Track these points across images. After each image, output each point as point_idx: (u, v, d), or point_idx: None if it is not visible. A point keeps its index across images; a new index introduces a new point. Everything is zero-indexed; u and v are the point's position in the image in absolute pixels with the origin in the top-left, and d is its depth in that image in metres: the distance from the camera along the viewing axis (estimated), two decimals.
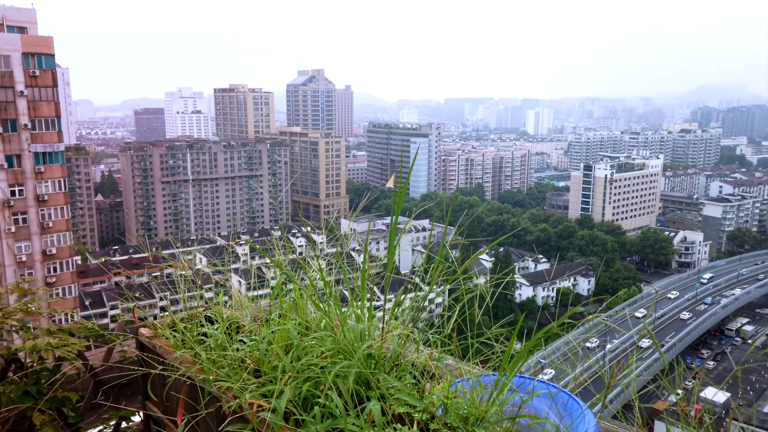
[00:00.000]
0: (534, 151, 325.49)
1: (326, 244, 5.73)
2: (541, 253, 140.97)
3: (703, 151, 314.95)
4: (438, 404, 2.86)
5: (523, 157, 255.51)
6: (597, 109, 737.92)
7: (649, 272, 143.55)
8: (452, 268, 4.30)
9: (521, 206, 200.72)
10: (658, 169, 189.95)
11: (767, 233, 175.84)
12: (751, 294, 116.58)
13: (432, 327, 3.84)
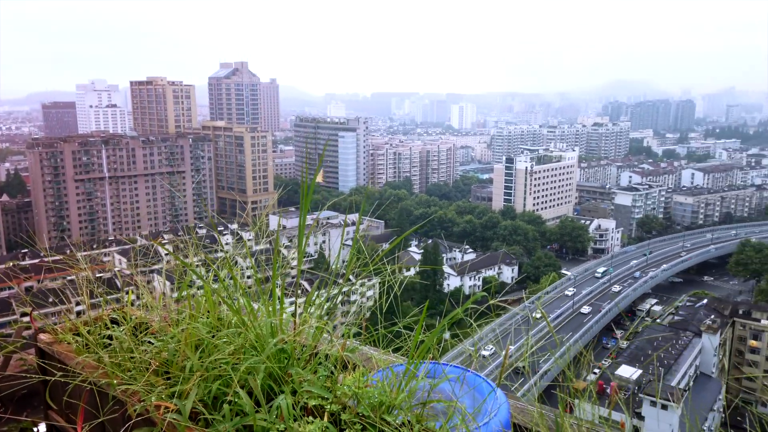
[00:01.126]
0: (459, 144, 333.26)
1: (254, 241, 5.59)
2: (467, 244, 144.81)
3: (614, 143, 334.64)
4: (350, 395, 2.88)
5: (448, 150, 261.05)
6: (517, 103, 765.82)
7: (568, 259, 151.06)
8: (381, 261, 4.33)
9: (448, 198, 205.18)
10: (574, 161, 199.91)
11: (672, 219, 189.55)
12: (658, 276, 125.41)
13: (363, 321, 3.92)
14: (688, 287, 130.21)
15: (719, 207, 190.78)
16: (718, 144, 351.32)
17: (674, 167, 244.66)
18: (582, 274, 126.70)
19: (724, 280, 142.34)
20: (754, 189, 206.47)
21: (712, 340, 76.25)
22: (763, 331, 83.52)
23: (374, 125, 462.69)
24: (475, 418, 2.91)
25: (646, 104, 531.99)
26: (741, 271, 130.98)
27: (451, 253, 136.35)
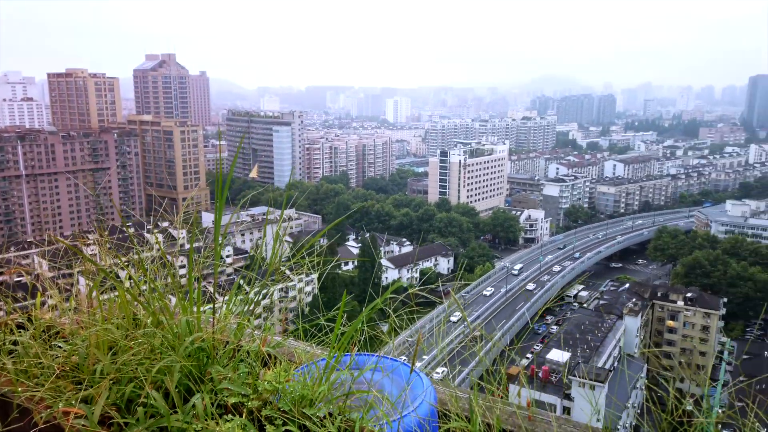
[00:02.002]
0: (394, 138, 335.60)
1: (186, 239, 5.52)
2: (404, 237, 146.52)
3: (542, 136, 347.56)
4: (271, 390, 2.89)
5: (384, 144, 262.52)
6: (450, 98, 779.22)
7: (501, 249, 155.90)
8: (320, 256, 4.40)
9: (385, 192, 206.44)
10: (505, 154, 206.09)
11: (596, 209, 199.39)
12: (585, 263, 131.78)
13: (300, 316, 3.99)
14: (612, 272, 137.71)
15: (639, 196, 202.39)
16: (637, 136, 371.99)
17: (597, 159, 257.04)
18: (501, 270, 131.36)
19: (643, 264, 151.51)
20: (669, 179, 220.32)
21: (634, 322, 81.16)
22: (679, 311, 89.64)
23: (309, 119, 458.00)
24: (401, 406, 2.98)
25: (571, 99, 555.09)
26: (659, 256, 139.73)
27: (389, 246, 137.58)
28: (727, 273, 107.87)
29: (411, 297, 4.13)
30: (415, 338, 3.64)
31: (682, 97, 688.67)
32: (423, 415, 2.96)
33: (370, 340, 3.82)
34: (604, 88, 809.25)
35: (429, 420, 2.97)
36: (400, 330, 4.33)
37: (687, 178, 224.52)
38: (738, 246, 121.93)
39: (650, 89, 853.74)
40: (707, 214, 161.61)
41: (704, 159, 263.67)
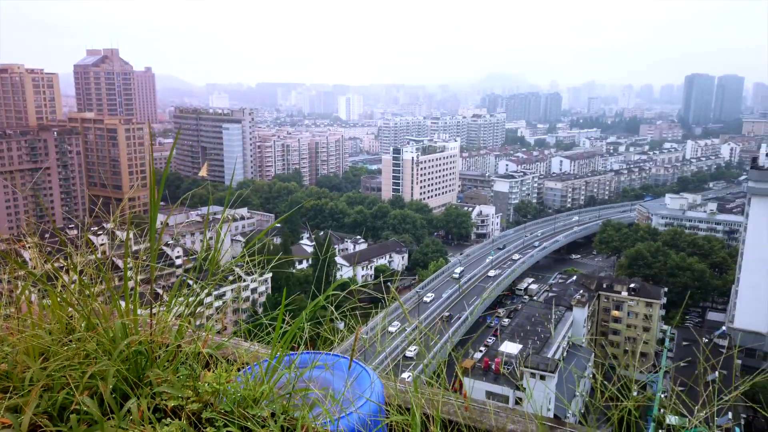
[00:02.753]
0: (347, 136, 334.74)
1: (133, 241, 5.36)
2: (358, 234, 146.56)
3: (492, 133, 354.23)
4: (211, 392, 2.86)
5: (337, 142, 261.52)
6: (402, 95, 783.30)
7: (453, 244, 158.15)
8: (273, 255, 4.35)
9: (338, 190, 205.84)
10: (457, 151, 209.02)
11: (544, 204, 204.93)
12: (534, 257, 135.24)
13: (253, 316, 3.90)
14: (560, 265, 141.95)
15: (584, 191, 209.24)
16: (581, 133, 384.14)
17: (545, 155, 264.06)
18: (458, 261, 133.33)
19: (590, 257, 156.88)
20: (612, 174, 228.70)
21: (581, 313, 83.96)
22: (624, 302, 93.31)
23: (260, 117, 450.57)
24: (350, 402, 2.99)
25: (519, 96, 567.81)
26: (604, 249, 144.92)
27: (344, 244, 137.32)
28: (667, 264, 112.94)
29: (355, 293, 4.12)
30: (370, 334, 3.67)
31: (623, 96, 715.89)
32: (370, 411, 2.96)
33: (325, 338, 3.82)
34: (551, 86, 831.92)
35: (373, 416, 2.98)
36: (354, 328, 4.32)
37: (629, 173, 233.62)
38: (677, 238, 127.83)
39: (594, 88, 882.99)
40: (648, 208, 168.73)
41: (645, 155, 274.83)
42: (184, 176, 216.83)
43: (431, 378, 3.82)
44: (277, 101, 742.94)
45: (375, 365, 3.98)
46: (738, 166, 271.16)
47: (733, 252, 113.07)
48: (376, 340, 4.33)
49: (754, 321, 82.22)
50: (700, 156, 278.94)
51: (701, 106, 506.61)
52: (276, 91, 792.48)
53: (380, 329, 4.13)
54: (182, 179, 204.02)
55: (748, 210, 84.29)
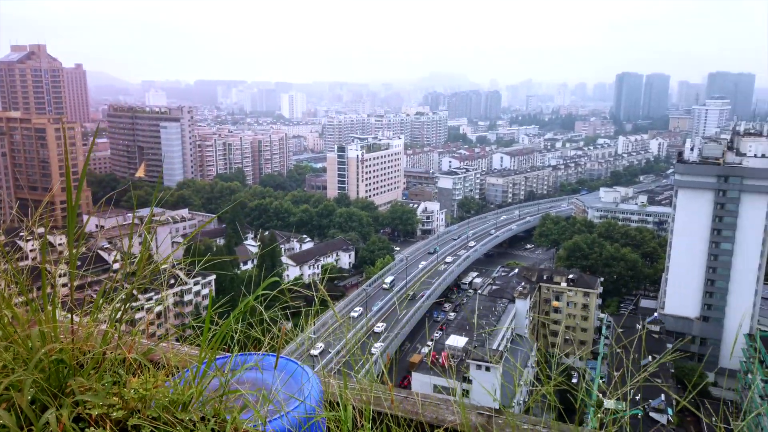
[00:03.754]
0: (291, 134, 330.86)
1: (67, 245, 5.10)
2: (304, 233, 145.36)
3: (435, 131, 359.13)
4: (138, 398, 2.80)
5: (281, 140, 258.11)
6: (345, 93, 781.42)
7: (400, 241, 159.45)
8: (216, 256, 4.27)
9: (283, 189, 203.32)
10: (401, 148, 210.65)
11: (486, 199, 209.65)
12: (478, 251, 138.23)
13: (196, 319, 3.79)
14: (503, 259, 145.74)
15: (524, 186, 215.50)
16: (521, 130, 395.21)
17: (486, 152, 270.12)
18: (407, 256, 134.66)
19: (531, 250, 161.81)
20: (550, 169, 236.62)
21: (523, 305, 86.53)
22: (563, 292, 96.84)
23: (200, 115, 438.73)
24: (285, 402, 2.97)
25: (460, 95, 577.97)
26: (543, 242, 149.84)
27: (289, 243, 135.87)
28: (602, 254, 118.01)
29: (286, 292, 4.11)
30: (323, 332, 3.69)
31: (559, 94, 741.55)
32: (306, 410, 2.97)
33: (271, 339, 3.79)
34: (490, 84, 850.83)
35: (310, 415, 2.97)
36: (304, 327, 4.30)
37: (566, 168, 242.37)
38: (611, 229, 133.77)
39: (531, 86, 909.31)
40: (584, 201, 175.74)
41: (580, 150, 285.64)
42: (120, 177, 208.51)
43: (375, 376, 3.86)
44: (217, 99, 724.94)
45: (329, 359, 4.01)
46: (665, 160, 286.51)
47: (662, 242, 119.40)
48: (319, 337, 4.33)
49: (682, 307, 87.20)
50: (630, 151, 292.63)
51: (631, 104, 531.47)
52: (216, 89, 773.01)
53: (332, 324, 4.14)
54: (118, 180, 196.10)
55: (676, 201, 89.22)
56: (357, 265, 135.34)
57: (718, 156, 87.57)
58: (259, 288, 3.39)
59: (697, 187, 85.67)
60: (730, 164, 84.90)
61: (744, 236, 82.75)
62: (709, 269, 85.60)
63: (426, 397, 3.67)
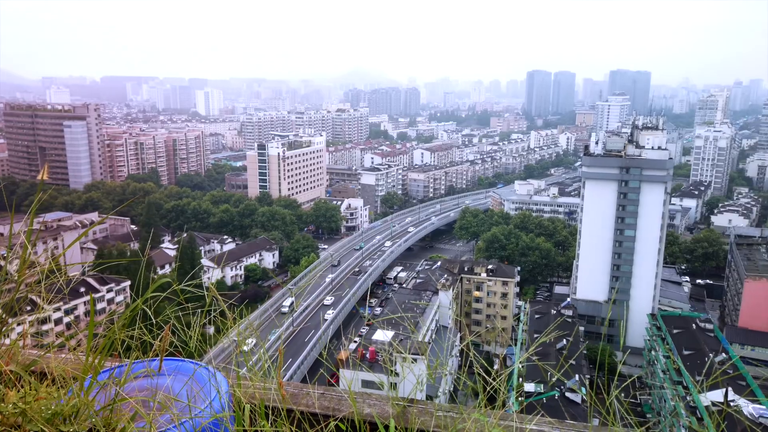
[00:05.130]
0: (208, 132, 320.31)
1: None
2: (225, 234, 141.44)
3: (356, 127, 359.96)
4: (18, 413, 2.66)
5: (197, 138, 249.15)
6: (264, 90, 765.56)
7: (324, 239, 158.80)
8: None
9: (201, 189, 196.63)
10: (323, 146, 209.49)
11: (409, 194, 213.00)
12: (402, 246, 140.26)
13: (111, 328, 3.62)
14: (426, 252, 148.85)
15: (444, 181, 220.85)
16: (439, 126, 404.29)
17: (407, 148, 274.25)
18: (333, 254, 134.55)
19: (452, 243, 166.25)
20: (468, 164, 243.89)
21: (446, 296, 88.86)
22: (483, 282, 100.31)
23: (109, 113, 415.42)
24: (190, 408, 2.92)
25: (380, 92, 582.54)
26: (464, 234, 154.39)
27: (210, 245, 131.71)
28: (518, 245, 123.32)
29: (179, 294, 4.04)
30: (239, 339, 3.65)
31: (475, 91, 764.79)
32: (213, 411, 2.94)
33: (195, 344, 3.73)
34: (409, 82, 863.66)
35: (213, 417, 2.94)
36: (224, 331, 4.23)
37: (483, 162, 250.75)
38: (526, 220, 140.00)
39: (448, 83, 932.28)
40: (500, 194, 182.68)
41: (495, 145, 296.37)
42: (21, 180, 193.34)
43: None
44: (127, 96, 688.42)
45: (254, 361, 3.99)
46: (574, 154, 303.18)
47: (573, 230, 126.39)
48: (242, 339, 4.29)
49: (592, 291, 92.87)
50: (542, 145, 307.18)
51: (541, 100, 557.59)
52: (125, 86, 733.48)
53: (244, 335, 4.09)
54: (18, 184, 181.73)
55: (584, 192, 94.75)
56: (281, 264, 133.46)
57: (620, 149, 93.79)
58: (148, 291, 3.31)
59: (602, 179, 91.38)
60: (630, 156, 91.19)
61: (644, 223, 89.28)
62: (615, 255, 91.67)
63: (344, 393, 3.73)
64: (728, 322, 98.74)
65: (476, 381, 3.96)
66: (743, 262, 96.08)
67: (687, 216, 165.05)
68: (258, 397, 3.37)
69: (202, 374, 3.30)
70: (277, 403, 3.35)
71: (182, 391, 3.06)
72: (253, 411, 3.18)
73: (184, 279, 4.56)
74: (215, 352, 4.17)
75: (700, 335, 73.63)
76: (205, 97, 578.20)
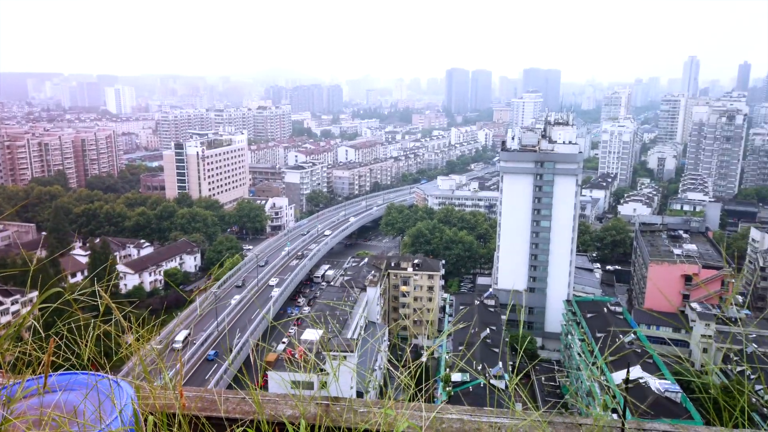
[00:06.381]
0: (120, 131, 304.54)
1: None
2: (142, 238, 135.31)
3: (279, 125, 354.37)
4: None
5: (108, 138, 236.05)
6: (180, 86, 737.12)
7: (248, 239, 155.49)
8: None
9: (114, 191, 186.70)
10: (244, 144, 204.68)
11: (334, 192, 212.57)
12: (329, 244, 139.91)
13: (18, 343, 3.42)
14: (353, 250, 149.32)
15: (369, 178, 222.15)
16: (362, 123, 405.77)
17: (331, 145, 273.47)
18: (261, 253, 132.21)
19: (378, 239, 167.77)
20: (392, 160, 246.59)
21: (374, 292, 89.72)
22: (410, 276, 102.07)
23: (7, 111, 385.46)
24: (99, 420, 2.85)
25: (302, 89, 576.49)
26: (390, 230, 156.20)
27: (126, 250, 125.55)
28: (442, 238, 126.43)
29: (73, 304, 3.96)
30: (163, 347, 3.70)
31: (396, 88, 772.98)
32: (122, 422, 2.90)
33: (111, 357, 3.68)
34: (331, 79, 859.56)
35: (127, 426, 2.92)
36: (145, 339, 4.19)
37: (406, 159, 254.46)
38: (449, 215, 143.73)
39: (370, 81, 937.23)
40: (424, 190, 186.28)
41: (418, 142, 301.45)
42: None
43: None
44: (28, 94, 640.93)
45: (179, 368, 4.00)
46: (492, 149, 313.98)
47: (493, 223, 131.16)
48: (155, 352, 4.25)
49: (513, 281, 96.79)
50: (462, 141, 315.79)
51: (460, 97, 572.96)
52: (26, 82, 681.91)
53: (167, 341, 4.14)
54: None
55: (502, 186, 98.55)
56: (204, 267, 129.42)
57: (534, 144, 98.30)
58: (37, 302, 3.21)
59: (518, 173, 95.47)
60: (544, 151, 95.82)
61: (558, 214, 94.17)
62: (533, 245, 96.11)
63: (264, 396, 3.84)
64: (635, 304, 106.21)
65: (404, 374, 4.10)
66: (647, 248, 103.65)
67: (596, 206, 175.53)
68: (158, 407, 3.33)
69: (104, 386, 3.20)
70: (178, 411, 3.33)
71: (82, 406, 2.96)
72: (157, 422, 3.15)
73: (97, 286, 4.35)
74: (130, 362, 4.08)
75: (611, 318, 78.80)
76: (116, 95, 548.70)
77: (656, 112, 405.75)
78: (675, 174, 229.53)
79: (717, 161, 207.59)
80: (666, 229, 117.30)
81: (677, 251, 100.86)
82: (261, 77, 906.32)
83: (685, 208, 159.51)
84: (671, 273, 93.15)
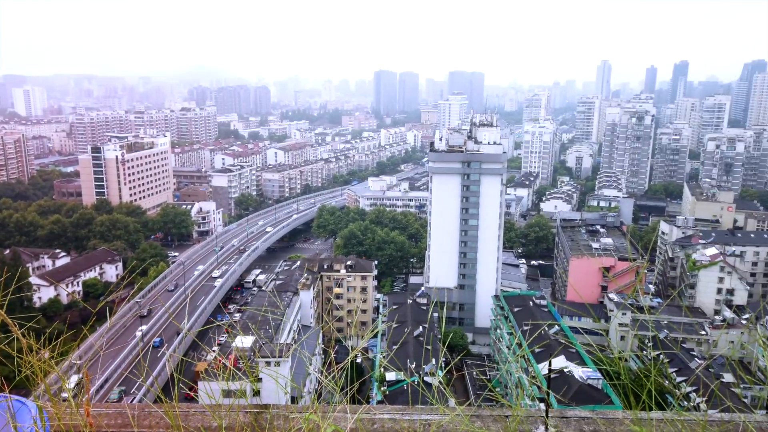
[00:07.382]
0: (30, 134, 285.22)
1: None
2: (57, 248, 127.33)
3: (204, 127, 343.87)
4: None
5: (17, 142, 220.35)
6: (96, 87, 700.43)
7: (174, 245, 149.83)
8: None
9: (25, 198, 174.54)
10: (167, 147, 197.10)
11: (264, 195, 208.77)
12: (259, 249, 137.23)
13: None
14: (284, 253, 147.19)
15: (300, 180, 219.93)
16: (292, 125, 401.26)
17: (260, 148, 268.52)
18: None
19: (311, 242, 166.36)
20: (323, 162, 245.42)
21: (307, 296, 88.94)
22: (343, 278, 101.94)
23: None
24: None
25: (228, 90, 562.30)
26: (322, 232, 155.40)
27: (39, 261, 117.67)
28: (375, 239, 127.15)
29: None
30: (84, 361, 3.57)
31: (325, 89, 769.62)
32: None
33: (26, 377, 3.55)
34: (258, 80, 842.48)
35: None
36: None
37: (336, 160, 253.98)
38: (381, 215, 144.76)
39: (299, 82, 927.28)
40: (355, 191, 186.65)
41: (348, 143, 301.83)
42: None
43: None
44: None
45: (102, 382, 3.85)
46: (421, 150, 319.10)
47: (424, 223, 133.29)
48: None
49: (443, 279, 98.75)
50: (392, 143, 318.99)
51: (389, 99, 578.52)
52: None
53: None
54: None
55: (431, 186, 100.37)
56: (127, 276, 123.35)
57: (461, 145, 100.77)
58: None
59: (447, 173, 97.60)
60: (470, 151, 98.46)
61: (485, 212, 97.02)
62: (462, 243, 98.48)
63: (190, 407, 3.74)
64: (558, 297, 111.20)
65: (336, 376, 4.13)
66: (568, 243, 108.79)
67: (520, 204, 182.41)
68: (64, 427, 3.24)
69: (4, 407, 3.08)
70: (84, 428, 3.24)
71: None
72: None
73: (8, 300, 4.15)
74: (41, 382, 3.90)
75: (537, 311, 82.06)
76: (25, 96, 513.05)
77: (573, 113, 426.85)
78: (591, 172, 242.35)
79: (629, 159, 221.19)
80: (585, 224, 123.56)
81: (595, 245, 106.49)
82: (184, 77, 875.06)
83: (602, 204, 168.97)
84: (590, 266, 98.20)
